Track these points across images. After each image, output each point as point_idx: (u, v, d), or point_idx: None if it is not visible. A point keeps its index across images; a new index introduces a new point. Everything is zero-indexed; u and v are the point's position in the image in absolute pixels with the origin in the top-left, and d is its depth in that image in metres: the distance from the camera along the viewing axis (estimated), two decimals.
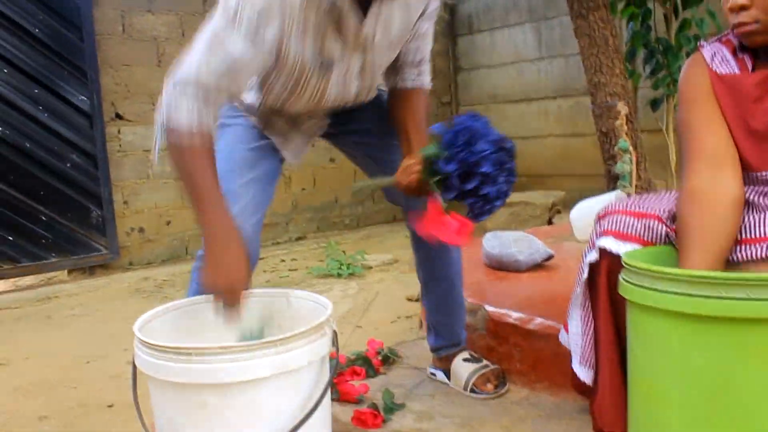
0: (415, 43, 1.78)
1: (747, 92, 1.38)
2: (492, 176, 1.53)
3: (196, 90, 1.43)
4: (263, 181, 1.73)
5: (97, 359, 2.78)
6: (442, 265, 2.01)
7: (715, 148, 1.39)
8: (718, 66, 1.44)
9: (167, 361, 1.15)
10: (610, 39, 3.69)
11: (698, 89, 1.45)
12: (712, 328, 1.07)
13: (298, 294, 1.50)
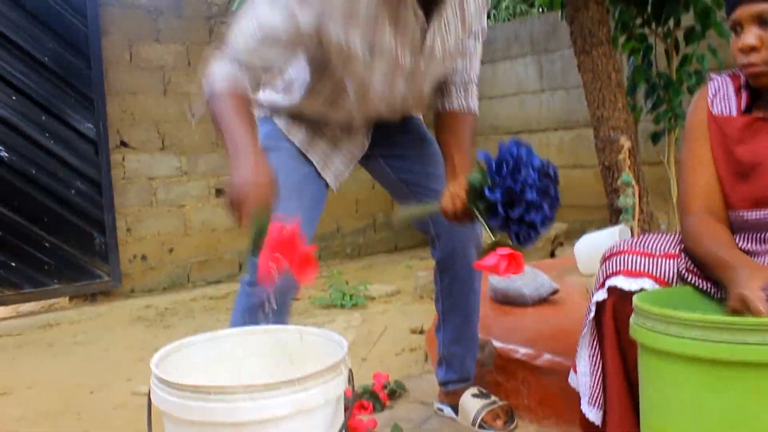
0: (463, 62, 1.80)
1: (732, 134, 1.44)
2: (536, 204, 1.54)
3: (233, 56, 1.52)
4: (310, 207, 1.77)
5: (100, 389, 2.77)
6: (463, 297, 2.01)
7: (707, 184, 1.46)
8: (717, 104, 1.50)
9: (185, 399, 1.15)
10: (613, 74, 3.74)
11: (696, 127, 1.51)
12: (728, 373, 1.08)
13: (310, 330, 1.51)
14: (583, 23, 3.72)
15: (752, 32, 1.34)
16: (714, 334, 1.07)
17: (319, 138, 1.82)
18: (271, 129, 1.81)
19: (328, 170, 1.84)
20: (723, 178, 1.46)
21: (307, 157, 1.80)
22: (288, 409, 1.15)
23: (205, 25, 5.37)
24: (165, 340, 3.44)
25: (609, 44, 3.75)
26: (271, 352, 1.51)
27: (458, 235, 1.89)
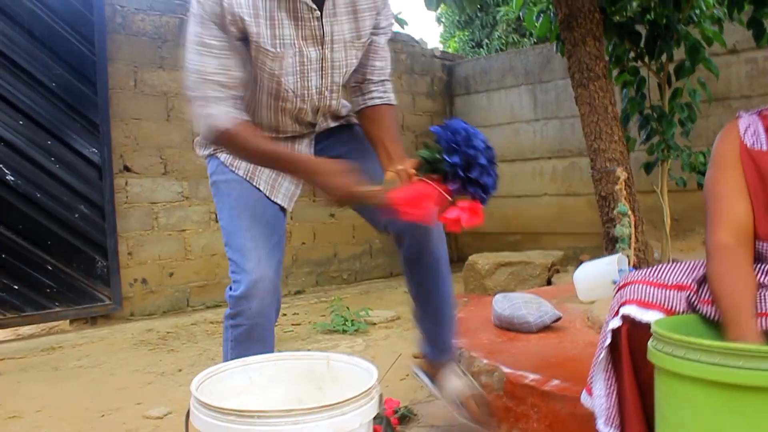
0: (376, 61, 1.94)
1: (763, 165, 1.52)
2: (488, 168, 1.72)
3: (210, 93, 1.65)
4: (271, 228, 1.85)
5: (111, 413, 2.79)
6: (435, 286, 2.09)
7: (739, 214, 1.52)
8: (749, 138, 1.57)
9: (230, 423, 1.21)
10: (609, 107, 3.85)
11: (729, 157, 1.58)
12: (745, 397, 1.15)
13: (338, 357, 1.57)
14: (580, 58, 3.83)
15: None
16: (732, 360, 1.15)
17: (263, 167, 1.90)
18: (217, 164, 1.92)
19: (277, 193, 1.92)
20: (756, 209, 1.52)
21: (253, 184, 1.89)
22: (328, 431, 1.22)
23: None
24: (169, 364, 3.50)
25: (606, 78, 3.86)
26: (299, 378, 1.57)
27: (421, 230, 1.96)
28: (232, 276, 1.77)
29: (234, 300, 1.74)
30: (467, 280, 4.94)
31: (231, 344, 1.77)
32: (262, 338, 1.78)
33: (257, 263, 1.74)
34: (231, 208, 1.85)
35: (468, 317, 3.10)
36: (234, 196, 1.86)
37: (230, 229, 1.81)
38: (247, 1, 1.63)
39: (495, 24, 11.46)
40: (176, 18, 5.28)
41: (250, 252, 1.76)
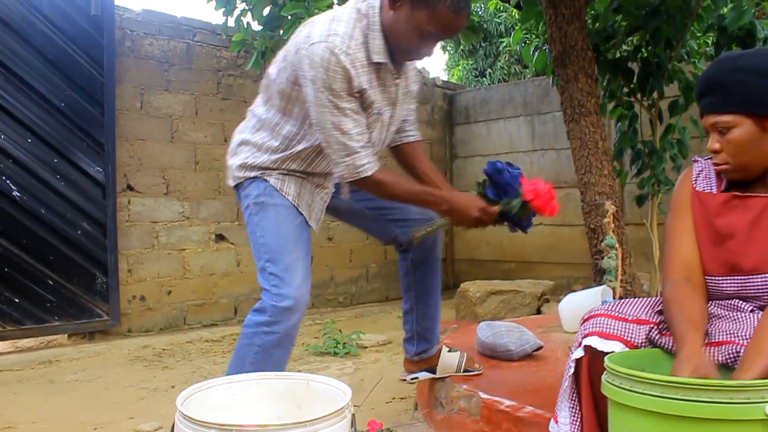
0: (411, 105, 2.26)
1: (712, 208, 1.65)
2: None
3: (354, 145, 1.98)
4: (307, 249, 2.12)
5: (104, 426, 2.89)
6: (433, 282, 2.48)
7: (688, 253, 1.65)
8: (701, 182, 1.71)
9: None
10: (600, 142, 3.96)
11: (682, 201, 1.72)
12: (681, 426, 1.25)
13: (317, 378, 1.67)
14: (573, 94, 3.95)
15: (714, 138, 1.58)
16: (670, 393, 1.25)
17: (304, 190, 2.15)
18: (266, 186, 2.11)
19: (313, 217, 2.18)
20: (701, 246, 1.65)
21: (298, 209, 2.13)
22: None
23: (214, 78, 5.62)
24: (163, 380, 3.60)
25: (597, 114, 3.98)
26: (280, 396, 1.67)
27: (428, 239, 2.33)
28: (275, 289, 1.98)
29: (277, 310, 1.96)
30: (458, 306, 5.03)
31: (257, 349, 1.97)
32: (287, 347, 2.03)
33: (302, 282, 2.02)
34: (279, 228, 2.08)
35: (453, 343, 3.18)
36: (282, 219, 2.09)
37: (277, 247, 2.05)
38: (363, 75, 1.96)
39: (498, 54, 11.65)
40: (183, 43, 5.44)
41: (297, 271, 2.03)
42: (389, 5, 1.95)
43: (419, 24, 1.92)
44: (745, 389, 1.23)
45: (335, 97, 1.91)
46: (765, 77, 1.52)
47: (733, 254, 1.59)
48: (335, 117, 1.94)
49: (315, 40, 1.90)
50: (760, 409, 1.21)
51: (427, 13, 1.90)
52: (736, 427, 1.23)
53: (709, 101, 1.58)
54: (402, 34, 1.96)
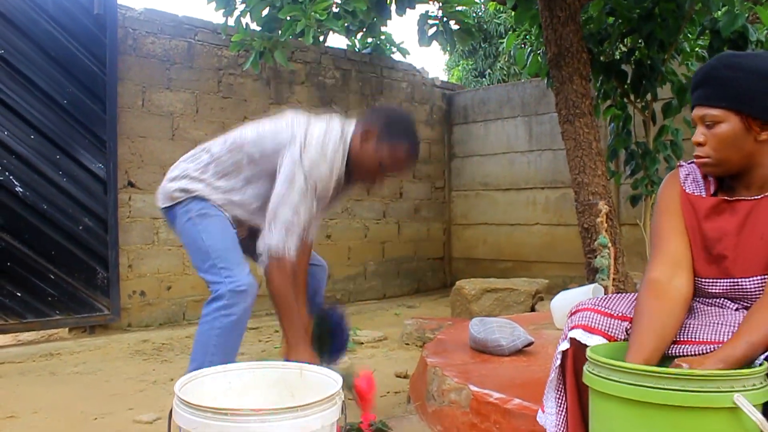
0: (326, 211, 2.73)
1: (702, 212, 1.68)
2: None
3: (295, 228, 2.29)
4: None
5: (104, 416, 2.95)
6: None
7: (676, 251, 1.68)
8: (689, 185, 1.74)
9: (205, 419, 1.38)
10: (594, 143, 4.02)
11: (670, 202, 1.75)
12: (655, 413, 1.32)
13: (309, 367, 1.74)
14: (567, 95, 4.01)
15: (700, 130, 1.62)
16: (645, 381, 1.32)
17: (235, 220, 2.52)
18: (205, 203, 2.44)
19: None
20: (693, 248, 1.68)
21: (233, 226, 2.49)
22: (291, 431, 1.38)
23: (215, 76, 5.69)
24: (162, 373, 3.67)
25: (591, 115, 4.04)
26: (273, 384, 1.73)
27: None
28: (229, 278, 2.27)
29: (234, 294, 2.22)
30: (454, 304, 5.10)
31: (218, 331, 2.19)
32: (242, 329, 2.30)
33: (249, 272, 2.32)
34: (223, 232, 2.40)
35: (446, 339, 3.26)
36: (224, 226, 2.43)
37: (224, 247, 2.36)
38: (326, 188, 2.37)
39: (498, 55, 11.71)
40: (185, 42, 5.50)
41: (242, 264, 2.34)
42: (360, 137, 2.40)
43: (380, 158, 2.37)
44: (714, 379, 1.30)
45: (307, 190, 2.27)
46: (755, 77, 1.55)
47: (723, 258, 1.63)
48: (298, 201, 2.27)
49: (314, 142, 2.30)
50: (728, 398, 1.28)
51: (388, 151, 2.37)
52: (706, 414, 1.30)
53: (702, 94, 1.61)
54: (365, 163, 2.40)
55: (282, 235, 2.26)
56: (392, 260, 7.19)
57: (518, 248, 7.17)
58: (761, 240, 1.57)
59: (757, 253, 1.57)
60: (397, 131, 2.40)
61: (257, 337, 4.73)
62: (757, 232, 1.58)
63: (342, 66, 6.79)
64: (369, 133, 2.39)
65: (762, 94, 1.54)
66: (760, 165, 1.60)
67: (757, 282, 1.57)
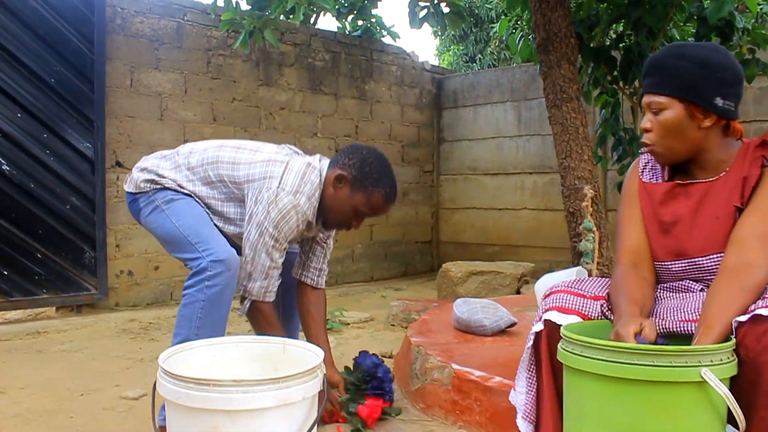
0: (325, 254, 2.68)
1: (657, 197, 1.74)
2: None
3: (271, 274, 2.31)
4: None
5: (90, 393, 2.97)
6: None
7: (636, 242, 1.75)
8: (647, 173, 1.80)
9: (188, 389, 1.41)
10: (581, 128, 4.06)
11: (628, 192, 1.82)
12: (627, 388, 1.36)
13: (292, 342, 1.77)
14: (555, 80, 4.04)
15: (648, 117, 1.68)
16: (616, 357, 1.36)
17: None
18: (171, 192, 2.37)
19: None
20: (650, 234, 1.75)
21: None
22: (272, 402, 1.42)
23: (204, 57, 5.67)
24: (149, 352, 3.70)
25: (578, 101, 4.07)
26: (257, 358, 1.77)
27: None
28: (207, 251, 2.19)
29: (215, 264, 2.15)
30: (440, 287, 5.14)
31: (202, 303, 2.13)
32: (230, 299, 2.21)
33: (225, 243, 2.25)
34: (193, 211, 2.34)
35: (431, 320, 3.30)
36: (193, 205, 2.36)
37: (196, 224, 2.29)
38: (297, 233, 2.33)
39: (488, 40, 11.71)
40: (174, 21, 5.48)
41: (217, 238, 2.27)
42: (333, 183, 2.33)
43: (355, 205, 2.33)
44: (683, 354, 1.33)
45: (278, 237, 2.24)
46: (701, 68, 1.60)
47: (679, 240, 1.68)
48: (270, 247, 2.24)
49: (287, 189, 2.25)
50: (696, 372, 1.32)
51: (363, 198, 2.32)
52: (675, 388, 1.34)
53: (650, 82, 1.66)
54: (338, 209, 2.35)
55: (262, 282, 2.28)
56: (380, 243, 7.22)
57: (506, 233, 7.21)
58: (716, 220, 1.63)
59: (712, 233, 1.63)
60: (372, 177, 2.32)
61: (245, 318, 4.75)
62: (712, 212, 1.64)
63: (332, 48, 6.78)
64: (343, 179, 2.33)
65: (704, 83, 1.60)
66: (708, 150, 1.66)
67: (714, 260, 1.62)
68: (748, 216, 1.58)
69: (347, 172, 2.31)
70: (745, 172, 1.62)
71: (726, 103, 1.61)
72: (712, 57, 1.63)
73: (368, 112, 7.11)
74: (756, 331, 1.39)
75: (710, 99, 1.60)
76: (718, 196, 1.64)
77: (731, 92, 1.62)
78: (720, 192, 1.65)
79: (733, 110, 1.64)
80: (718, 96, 1.60)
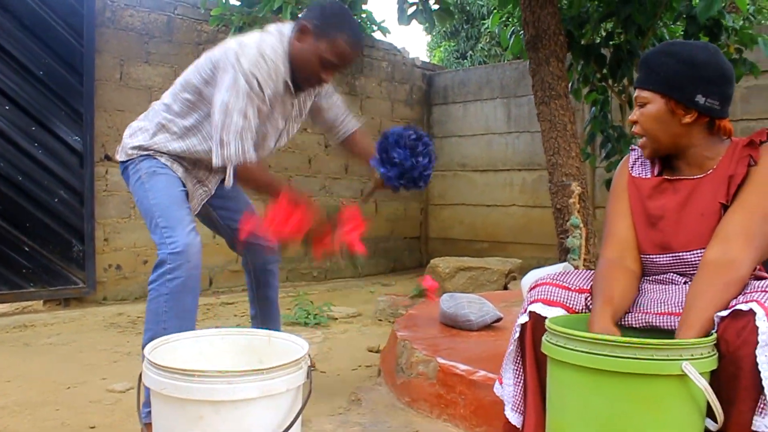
0: (339, 106, 2.67)
1: (645, 191, 1.77)
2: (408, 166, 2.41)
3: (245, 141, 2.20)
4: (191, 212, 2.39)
5: (77, 385, 2.97)
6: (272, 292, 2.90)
7: (623, 234, 1.77)
8: (637, 169, 1.84)
9: (173, 380, 1.42)
10: (569, 125, 4.08)
11: (618, 187, 1.85)
12: (608, 380, 1.37)
13: (278, 334, 1.78)
14: (543, 77, 4.06)
15: (635, 110, 1.73)
16: (600, 349, 1.37)
17: (188, 178, 2.45)
18: (158, 162, 2.38)
19: (192, 199, 2.49)
20: (637, 227, 1.78)
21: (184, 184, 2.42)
22: (256, 392, 1.42)
23: (194, 51, 5.65)
24: (136, 345, 3.70)
25: (566, 98, 4.09)
26: (243, 350, 1.77)
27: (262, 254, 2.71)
28: (168, 240, 2.19)
29: (174, 256, 2.14)
30: None
31: (166, 297, 2.12)
32: (194, 288, 2.19)
33: (190, 230, 2.22)
34: (168, 189, 2.33)
35: (418, 314, 3.31)
36: (171, 183, 2.36)
37: (168, 204, 2.29)
38: (274, 89, 2.26)
39: (479, 36, 11.72)
40: (164, 15, 5.47)
41: (185, 223, 2.25)
42: (296, 36, 2.30)
43: (320, 53, 2.27)
44: (664, 347, 1.35)
45: (251, 89, 2.18)
46: (684, 65, 1.64)
47: (665, 234, 1.71)
48: (244, 104, 2.17)
49: (248, 44, 2.23)
50: (677, 365, 1.34)
51: (327, 44, 2.26)
52: (656, 380, 1.35)
53: (638, 77, 1.73)
54: (305, 61, 2.29)
55: (237, 142, 2.19)
56: (369, 239, 7.15)
57: (494, 229, 7.24)
58: (702, 217, 1.66)
59: (697, 229, 1.66)
60: (333, 23, 2.28)
61: (232, 312, 4.77)
62: (698, 209, 1.67)
63: None
64: (305, 30, 2.29)
65: (684, 80, 1.64)
66: (693, 145, 1.70)
67: (698, 255, 1.65)
68: (732, 213, 1.60)
69: (308, 22, 2.29)
70: (731, 171, 1.65)
71: (708, 101, 1.64)
72: (698, 55, 1.66)
73: (358, 107, 7.12)
74: (736, 326, 1.41)
75: (691, 96, 1.63)
76: (705, 193, 1.67)
77: (714, 91, 1.65)
78: (706, 189, 1.67)
79: (717, 108, 1.66)
80: (700, 93, 1.63)
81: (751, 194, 1.60)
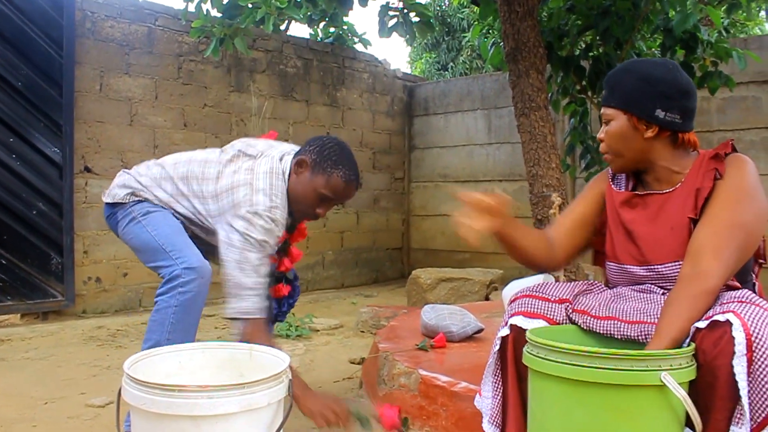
0: None
1: (616, 204, 1.82)
2: None
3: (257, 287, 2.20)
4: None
5: (55, 401, 2.93)
6: None
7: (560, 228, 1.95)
8: (616, 182, 1.90)
9: (153, 395, 1.40)
10: (549, 137, 4.11)
11: (590, 189, 1.94)
12: (589, 391, 1.39)
13: (259, 348, 1.77)
14: (523, 89, 4.09)
15: (602, 128, 1.78)
16: (579, 361, 1.38)
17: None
18: (148, 203, 2.41)
19: None
20: (615, 239, 1.81)
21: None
22: (237, 407, 1.42)
23: (174, 62, 5.64)
24: (117, 359, 3.66)
25: (546, 109, 4.12)
26: (224, 364, 1.76)
27: None
28: (180, 258, 2.22)
29: (187, 271, 2.19)
30: (410, 293, 5.16)
31: (175, 309, 2.17)
32: (201, 306, 2.25)
33: (199, 253, 2.28)
34: (167, 221, 2.38)
35: (399, 326, 3.31)
36: (168, 216, 2.40)
37: (171, 233, 2.33)
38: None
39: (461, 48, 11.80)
40: (145, 26, 5.45)
41: (192, 247, 2.30)
42: (294, 170, 2.34)
43: (316, 188, 2.30)
44: (643, 358, 1.37)
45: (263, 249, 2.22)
46: (642, 81, 1.70)
47: (638, 248, 1.75)
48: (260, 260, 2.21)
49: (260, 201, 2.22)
50: (656, 376, 1.35)
51: (323, 179, 2.30)
52: (636, 391, 1.37)
53: (603, 95, 1.79)
54: (302, 195, 2.33)
55: (253, 299, 2.19)
56: (351, 250, 7.23)
57: None
58: (672, 231, 1.70)
59: (669, 243, 1.69)
60: (331, 159, 2.32)
61: (213, 324, 4.73)
62: (668, 223, 1.71)
63: (304, 55, 6.78)
64: (303, 164, 2.33)
65: (643, 96, 1.69)
66: (659, 159, 1.74)
67: (674, 267, 1.68)
68: (701, 227, 1.63)
69: (307, 156, 2.33)
70: (698, 184, 1.68)
71: (668, 115, 1.69)
72: (654, 72, 1.71)
73: (340, 118, 7.13)
74: (713, 336, 1.43)
75: (650, 111, 1.69)
76: (673, 208, 1.71)
77: (673, 105, 1.69)
78: (675, 203, 1.72)
79: (678, 122, 1.70)
80: (659, 108, 1.68)
81: (718, 208, 1.64)
